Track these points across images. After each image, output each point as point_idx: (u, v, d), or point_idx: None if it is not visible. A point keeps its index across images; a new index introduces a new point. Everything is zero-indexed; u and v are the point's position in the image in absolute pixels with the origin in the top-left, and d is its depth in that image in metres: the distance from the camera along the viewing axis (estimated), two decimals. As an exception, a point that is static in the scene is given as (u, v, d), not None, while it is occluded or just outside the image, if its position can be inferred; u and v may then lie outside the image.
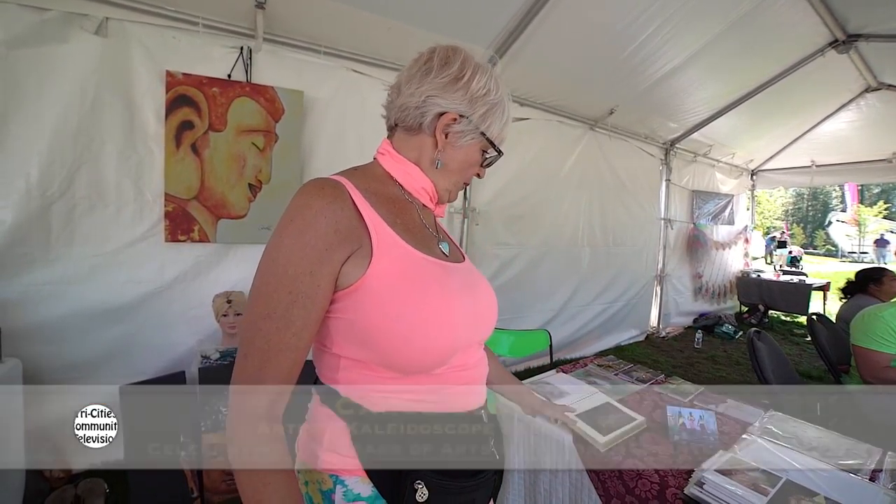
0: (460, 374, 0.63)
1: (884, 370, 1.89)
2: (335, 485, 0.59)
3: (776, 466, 1.04)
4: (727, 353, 4.29)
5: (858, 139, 4.77)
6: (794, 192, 34.41)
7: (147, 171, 1.93)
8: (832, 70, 3.62)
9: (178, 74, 1.93)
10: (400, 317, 0.56)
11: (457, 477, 0.59)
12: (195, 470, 1.74)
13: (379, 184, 0.66)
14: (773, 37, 3.15)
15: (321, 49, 2.28)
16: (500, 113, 0.67)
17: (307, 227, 0.54)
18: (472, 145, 0.67)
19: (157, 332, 2.02)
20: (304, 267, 0.53)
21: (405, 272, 0.58)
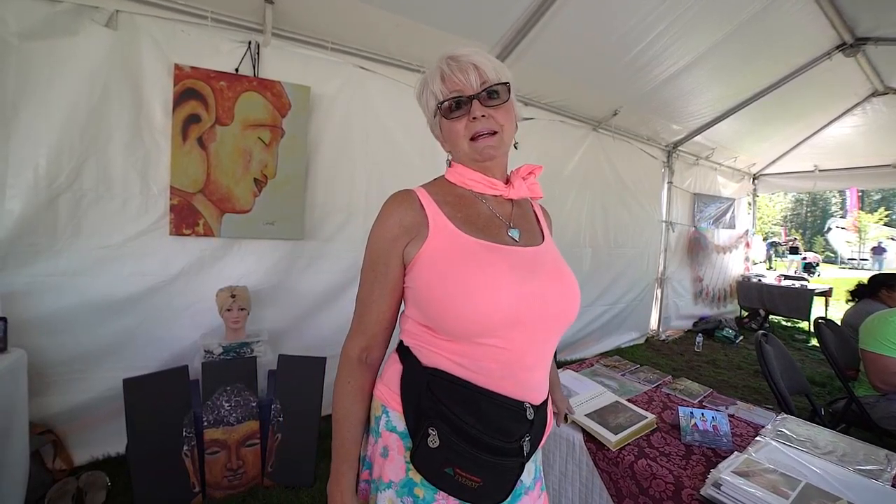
0: (500, 353, 0.67)
1: (894, 375, 1.88)
2: (382, 413, 0.73)
3: (794, 469, 1.03)
4: (728, 357, 4.28)
5: (863, 144, 4.75)
6: (794, 198, 34.53)
7: (153, 163, 1.92)
8: (838, 74, 3.61)
9: (186, 68, 1.92)
10: (438, 285, 0.67)
11: (472, 444, 0.65)
12: (197, 465, 1.72)
13: (448, 188, 0.79)
14: (780, 39, 3.14)
15: (328, 45, 2.27)
16: (425, 88, 0.78)
17: (383, 224, 0.73)
18: (443, 123, 0.78)
19: (161, 325, 2.00)
20: (379, 252, 0.72)
21: (448, 250, 0.69)
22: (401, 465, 0.70)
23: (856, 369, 2.36)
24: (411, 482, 0.69)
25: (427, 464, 0.65)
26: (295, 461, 1.89)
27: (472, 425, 0.65)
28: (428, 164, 2.76)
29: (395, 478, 0.70)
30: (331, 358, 2.21)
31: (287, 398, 1.91)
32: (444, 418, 0.65)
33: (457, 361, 0.68)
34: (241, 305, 2.01)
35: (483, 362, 0.67)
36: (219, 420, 1.77)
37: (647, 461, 1.10)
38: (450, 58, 0.74)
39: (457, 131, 0.75)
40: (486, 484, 0.65)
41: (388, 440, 0.71)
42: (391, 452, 0.71)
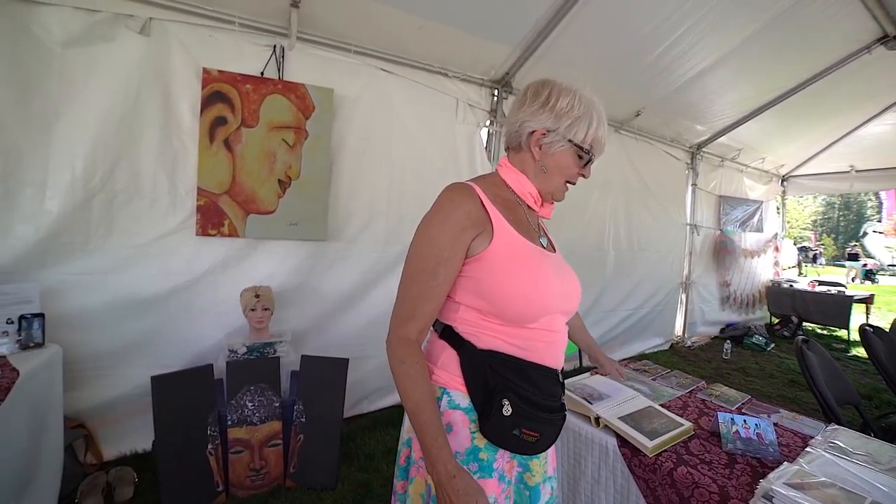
0: (546, 334, 0.83)
1: None
2: (442, 395, 0.82)
3: (854, 485, 0.94)
4: (759, 366, 4.10)
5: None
6: (824, 201, 33.12)
7: (181, 165, 1.96)
8: (879, 68, 3.40)
9: (213, 71, 1.96)
10: (506, 279, 0.79)
11: (535, 407, 0.79)
12: (221, 464, 1.73)
13: (498, 189, 0.89)
14: (814, 35, 3.01)
15: (351, 48, 2.30)
16: (584, 123, 0.84)
17: (451, 213, 0.79)
18: (564, 152, 0.86)
19: (186, 324, 2.03)
20: (447, 240, 0.78)
21: (515, 250, 0.81)
22: (466, 437, 0.80)
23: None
24: (476, 449, 0.80)
25: (499, 430, 0.78)
26: (317, 463, 1.88)
27: (532, 392, 0.80)
28: (450, 164, 2.75)
29: (461, 448, 0.79)
30: (353, 359, 2.21)
31: (310, 399, 1.90)
32: (513, 390, 0.78)
33: (510, 342, 0.80)
34: (265, 305, 2.02)
35: (532, 342, 0.82)
36: (242, 419, 1.78)
37: (687, 469, 1.04)
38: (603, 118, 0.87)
39: (568, 167, 0.87)
40: (541, 437, 0.81)
41: (451, 416, 0.80)
42: (456, 427, 0.80)
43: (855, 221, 31.68)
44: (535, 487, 0.86)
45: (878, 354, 2.10)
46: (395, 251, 2.53)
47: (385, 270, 2.52)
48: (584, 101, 0.84)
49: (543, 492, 0.87)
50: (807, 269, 10.21)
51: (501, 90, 2.86)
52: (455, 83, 2.70)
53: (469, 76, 2.74)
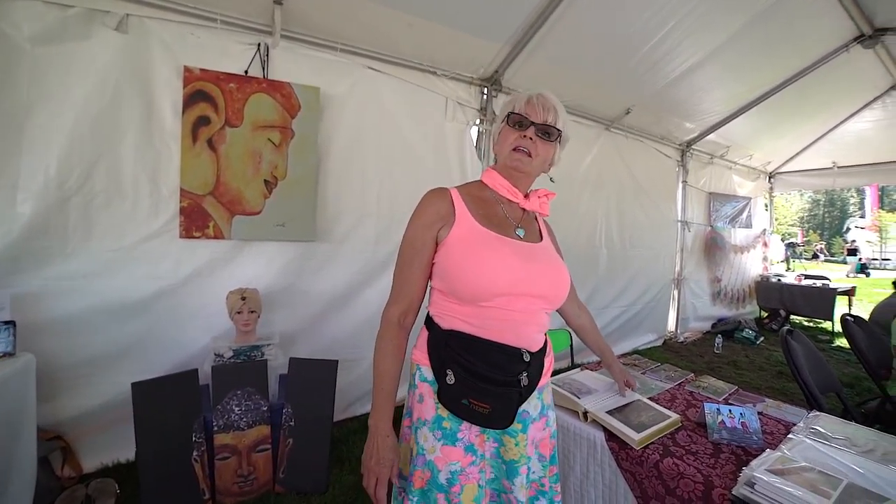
0: (502, 313, 0.88)
1: None
2: (417, 370, 0.94)
3: (833, 468, 0.96)
4: (749, 359, 4.14)
5: (884, 139, 4.60)
6: (810, 199, 33.75)
7: (163, 166, 1.93)
8: (857, 66, 3.50)
9: (195, 70, 1.93)
10: (458, 261, 0.88)
11: (479, 378, 0.86)
12: (207, 471, 1.69)
13: (477, 190, 1.00)
14: (796, 32, 3.06)
15: (338, 46, 2.28)
16: (510, 103, 0.97)
17: (423, 212, 0.93)
18: (502, 131, 0.98)
19: (171, 329, 1.99)
20: (419, 233, 0.92)
21: (467, 235, 0.90)
22: (432, 406, 0.90)
23: (888, 367, 2.25)
24: (440, 418, 0.89)
25: (449, 398, 0.86)
26: (307, 467, 1.85)
27: (478, 366, 0.86)
28: (440, 163, 2.75)
29: (429, 416, 0.89)
30: (344, 361, 2.19)
31: (299, 402, 1.87)
32: (457, 362, 0.87)
33: (467, 321, 0.89)
34: (252, 308, 1.99)
35: (486, 321, 0.88)
36: (229, 425, 1.75)
37: (673, 460, 1.04)
38: (541, 94, 0.95)
39: (509, 139, 0.94)
40: (494, 410, 0.86)
41: (422, 389, 0.92)
42: (425, 398, 0.91)
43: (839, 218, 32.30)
44: (510, 462, 0.92)
45: (859, 342, 2.13)
46: (385, 251, 2.52)
47: (376, 271, 2.50)
48: (514, 94, 0.99)
49: (521, 470, 0.92)
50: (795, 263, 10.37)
51: (491, 88, 2.86)
52: (444, 81, 2.70)
53: (458, 74, 2.73)
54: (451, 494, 0.86)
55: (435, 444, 0.88)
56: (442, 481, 0.86)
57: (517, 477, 0.91)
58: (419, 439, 0.89)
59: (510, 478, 0.91)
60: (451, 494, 0.86)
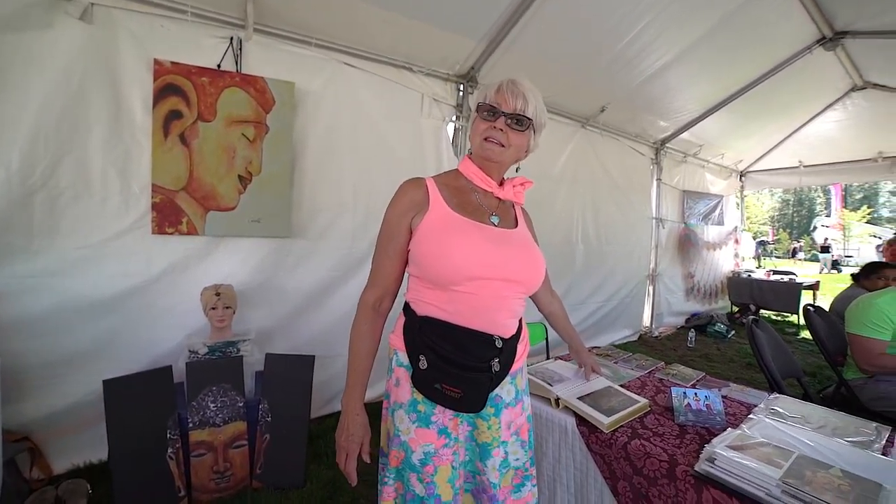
0: (473, 298, 0.89)
1: (879, 357, 1.88)
2: (394, 354, 0.96)
3: (786, 443, 1.01)
4: (721, 352, 4.30)
5: (845, 139, 4.80)
6: (780, 199, 35.09)
7: (134, 161, 1.88)
8: (819, 69, 3.65)
9: (166, 63, 1.89)
10: (431, 245, 0.90)
11: (451, 364, 0.88)
12: (182, 468, 1.66)
13: (452, 179, 1.01)
14: (763, 33, 3.18)
15: (313, 40, 2.26)
16: (481, 93, 0.97)
17: (398, 201, 0.95)
18: (475, 122, 0.98)
19: (144, 327, 1.95)
20: (394, 221, 0.94)
21: (439, 221, 0.92)
22: (408, 390, 0.92)
23: (844, 355, 2.37)
24: (415, 401, 0.91)
25: (422, 382, 0.89)
26: (284, 462, 1.84)
27: (449, 351, 0.88)
28: (416, 159, 2.75)
29: (404, 399, 0.92)
30: (322, 358, 2.17)
31: (275, 398, 1.86)
32: (430, 348, 0.89)
33: (440, 307, 0.90)
34: (227, 304, 1.96)
35: (457, 306, 0.89)
36: (205, 421, 1.72)
37: (640, 441, 1.08)
38: (512, 81, 0.94)
39: (479, 129, 0.95)
40: (465, 395, 0.88)
41: (399, 373, 0.94)
42: (401, 382, 0.93)
43: (807, 217, 33.66)
44: (484, 445, 0.94)
45: (819, 331, 2.24)
46: (362, 247, 2.51)
47: (353, 267, 2.50)
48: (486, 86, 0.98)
49: (495, 453, 0.94)
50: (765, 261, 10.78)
51: (467, 85, 2.88)
52: (420, 78, 2.71)
53: (434, 71, 2.75)
54: (424, 474, 0.89)
55: (410, 426, 0.90)
56: (415, 461, 0.89)
57: (490, 459, 0.93)
58: (396, 421, 0.92)
59: (483, 460, 0.93)
60: (423, 474, 0.89)
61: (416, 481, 0.89)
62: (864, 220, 22.57)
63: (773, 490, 0.84)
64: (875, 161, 4.92)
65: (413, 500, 0.89)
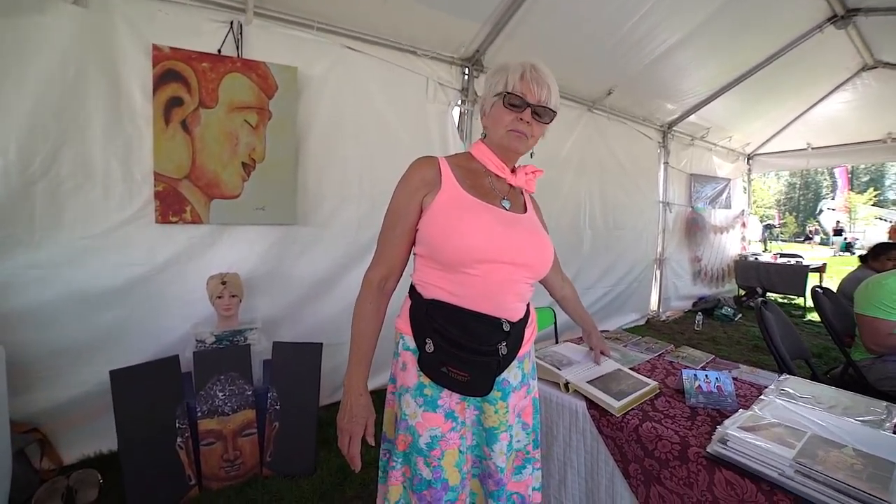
0: (482, 281, 0.88)
1: (888, 337, 1.87)
2: (400, 338, 0.95)
3: (798, 423, 1.00)
4: (728, 335, 4.29)
5: (854, 120, 4.70)
6: (787, 182, 34.67)
7: (135, 149, 1.86)
8: (830, 48, 3.55)
9: (165, 48, 1.86)
10: (442, 225, 0.88)
11: (458, 347, 0.87)
12: (192, 457, 1.68)
13: (464, 161, 0.99)
14: (772, 12, 3.08)
15: (315, 24, 2.22)
16: (501, 76, 0.92)
17: (409, 178, 0.93)
18: (495, 107, 0.94)
19: (150, 316, 1.95)
20: (404, 198, 0.92)
21: (451, 201, 0.90)
22: (414, 374, 0.91)
23: (851, 335, 2.35)
24: (422, 385, 0.90)
25: (428, 366, 0.88)
26: (294, 450, 1.85)
27: (456, 334, 0.87)
28: (422, 144, 2.72)
29: (411, 383, 0.91)
30: (330, 346, 2.17)
31: (283, 386, 1.87)
32: (436, 331, 0.88)
33: (448, 290, 0.89)
34: (233, 292, 1.96)
35: (466, 289, 0.88)
36: (213, 410, 1.73)
37: (651, 424, 1.07)
38: (534, 67, 0.92)
39: (503, 119, 0.92)
40: (472, 378, 0.88)
41: (405, 357, 0.93)
42: (408, 366, 0.92)
43: (813, 200, 33.29)
44: (491, 429, 0.93)
45: (827, 312, 2.22)
46: (368, 235, 2.50)
47: (359, 254, 2.49)
48: (501, 63, 0.95)
49: (501, 437, 0.93)
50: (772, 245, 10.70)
51: (472, 69, 2.82)
52: (425, 62, 2.65)
53: (439, 54, 2.69)
54: (431, 458, 0.88)
55: (416, 410, 0.89)
56: (422, 445, 0.88)
57: (497, 444, 0.92)
58: (402, 405, 0.92)
59: (490, 444, 0.93)
60: (430, 458, 0.88)
61: (423, 465, 0.88)
62: (870, 202, 22.32)
63: (786, 470, 0.83)
64: (884, 142, 4.82)
65: (420, 484, 0.88)
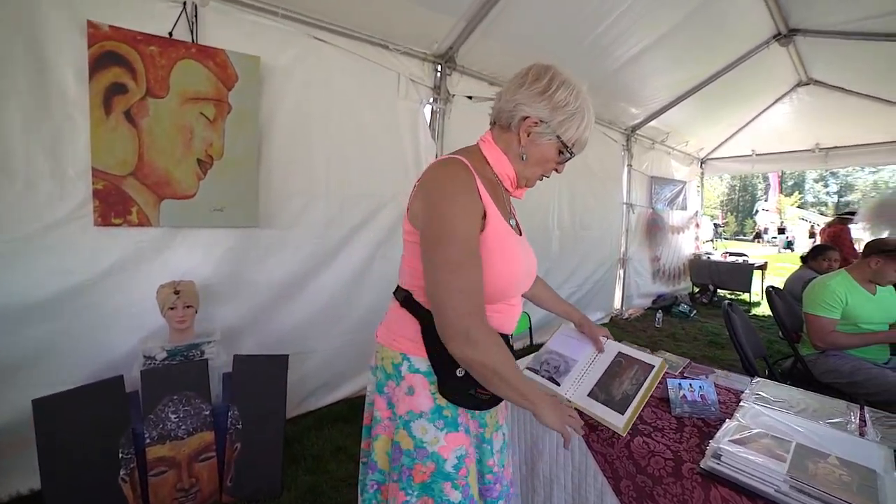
0: (504, 307, 0.90)
1: (830, 334, 2.02)
2: (403, 360, 0.88)
3: (781, 431, 1.03)
4: (685, 331, 4.52)
5: (790, 130, 5.15)
6: (728, 184, 37.43)
7: (67, 140, 1.63)
8: (773, 63, 3.84)
9: (103, 27, 1.63)
10: (495, 258, 0.83)
11: None
12: (139, 490, 1.50)
13: (481, 166, 0.90)
14: (728, 26, 3.26)
15: (279, 11, 2.04)
16: (577, 121, 0.86)
17: (467, 200, 0.80)
18: (549, 145, 0.88)
19: (91, 331, 1.73)
20: (471, 232, 0.79)
21: (500, 235, 0.85)
22: (428, 398, 0.86)
23: (798, 332, 2.53)
24: (440, 407, 0.86)
25: (456, 390, 0.85)
26: (258, 471, 1.71)
27: None
28: (394, 144, 2.61)
29: (426, 407, 0.85)
30: (295, 355, 2.04)
31: (245, 403, 1.72)
32: None
33: None
34: (187, 302, 1.78)
35: (502, 315, 0.89)
36: (165, 435, 1.56)
37: (643, 439, 1.06)
38: None
39: (548, 164, 0.91)
40: (491, 395, 0.87)
41: (413, 380, 0.86)
42: (417, 389, 0.86)
43: (750, 201, 36.26)
44: (489, 440, 0.95)
45: (780, 312, 2.38)
46: (337, 236, 2.37)
47: (327, 257, 2.35)
48: (581, 98, 0.86)
49: (496, 440, 0.96)
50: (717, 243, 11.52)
51: (445, 66, 2.74)
52: (397, 57, 2.54)
53: (411, 50, 2.59)
54: (459, 479, 0.84)
55: (438, 435, 0.84)
56: (449, 469, 0.84)
57: (493, 444, 0.96)
58: (415, 432, 0.84)
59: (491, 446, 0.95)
60: (458, 479, 0.84)
61: (452, 489, 0.83)
62: (795, 204, 24.79)
63: (781, 486, 0.84)
64: (813, 151, 5.30)
65: None
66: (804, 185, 34.65)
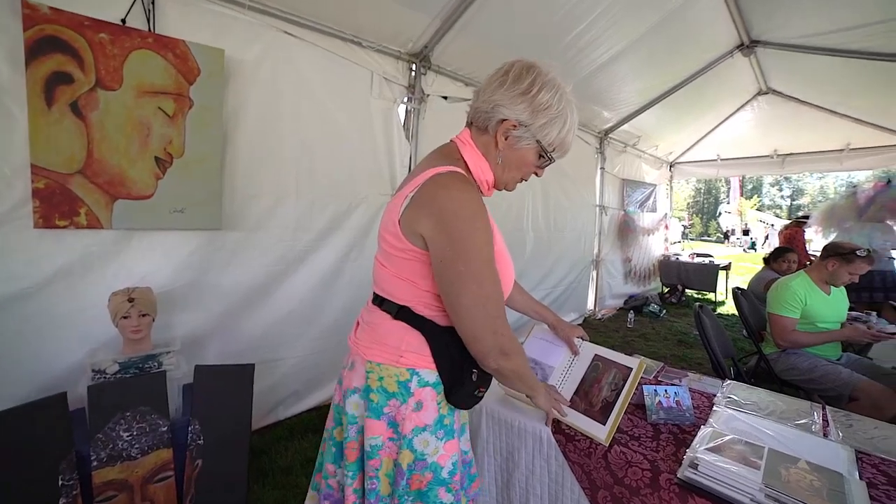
0: None
1: (791, 333, 2.11)
2: (412, 376, 0.84)
3: (752, 436, 1.04)
4: (656, 331, 4.64)
5: (752, 137, 5.42)
6: (694, 188, 39.12)
7: (1, 134, 1.47)
8: (736, 72, 4.02)
9: (42, 7, 1.48)
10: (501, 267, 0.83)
11: None
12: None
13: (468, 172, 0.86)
14: (696, 34, 3.37)
15: (246, 3, 1.94)
16: (558, 124, 0.83)
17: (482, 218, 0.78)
18: (528, 149, 0.85)
19: (33, 343, 1.58)
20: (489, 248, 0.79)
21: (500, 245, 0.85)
22: (434, 409, 0.85)
23: (762, 331, 2.63)
24: (442, 416, 0.86)
25: (467, 393, 0.85)
26: (221, 489, 1.61)
27: None
28: (366, 144, 2.54)
29: (430, 420, 0.84)
30: (263, 363, 1.94)
31: (208, 416, 1.61)
32: None
33: None
34: (143, 310, 1.65)
35: None
36: (115, 456, 1.43)
37: (619, 448, 1.05)
38: None
39: (526, 168, 0.89)
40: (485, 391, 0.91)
41: (422, 394, 0.85)
42: (425, 402, 0.84)
43: (713, 204, 38.05)
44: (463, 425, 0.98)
45: (745, 312, 2.47)
46: (306, 239, 2.28)
47: (296, 260, 2.26)
48: (565, 100, 0.83)
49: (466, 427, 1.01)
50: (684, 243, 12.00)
51: (420, 65, 2.69)
52: (370, 54, 2.47)
53: (385, 48, 2.52)
54: (453, 483, 0.86)
55: (437, 445, 0.85)
56: (444, 476, 0.85)
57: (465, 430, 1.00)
58: (417, 446, 0.84)
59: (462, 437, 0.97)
60: (452, 483, 0.86)
61: (445, 492, 0.85)
62: (754, 207, 26.30)
63: (756, 494, 0.84)
64: (771, 157, 5.59)
65: None
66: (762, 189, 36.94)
